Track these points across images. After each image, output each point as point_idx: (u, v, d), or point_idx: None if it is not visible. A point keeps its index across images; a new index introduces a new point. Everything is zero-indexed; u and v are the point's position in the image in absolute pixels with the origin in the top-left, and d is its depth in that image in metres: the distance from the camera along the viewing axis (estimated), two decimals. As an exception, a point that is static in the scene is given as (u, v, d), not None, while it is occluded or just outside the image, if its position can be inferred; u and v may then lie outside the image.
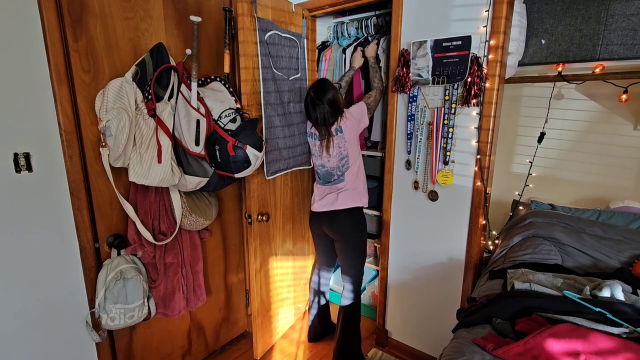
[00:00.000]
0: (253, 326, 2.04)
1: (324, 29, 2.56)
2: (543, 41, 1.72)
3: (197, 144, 1.52)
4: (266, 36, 1.75)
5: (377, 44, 2.10)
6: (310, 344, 2.25)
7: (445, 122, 1.71)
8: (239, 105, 1.71)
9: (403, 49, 1.78)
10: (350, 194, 1.92)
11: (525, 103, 2.25)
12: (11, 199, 1.26)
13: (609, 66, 1.69)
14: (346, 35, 2.40)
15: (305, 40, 2.06)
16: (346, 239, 1.92)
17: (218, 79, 1.75)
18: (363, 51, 2.14)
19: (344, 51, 2.34)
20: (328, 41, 2.55)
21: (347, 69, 2.24)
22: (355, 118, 1.87)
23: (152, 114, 1.44)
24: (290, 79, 1.93)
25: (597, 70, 1.71)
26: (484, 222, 1.74)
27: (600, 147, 2.05)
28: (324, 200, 1.95)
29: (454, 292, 1.87)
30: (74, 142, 1.39)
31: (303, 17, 2.04)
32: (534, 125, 2.15)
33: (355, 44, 2.29)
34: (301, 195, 2.28)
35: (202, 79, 1.72)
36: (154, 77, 1.44)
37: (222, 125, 1.62)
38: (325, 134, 1.87)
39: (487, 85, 1.57)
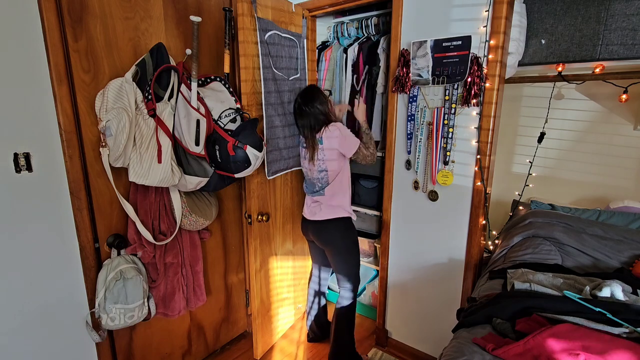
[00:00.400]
0: (253, 326, 2.04)
1: (324, 29, 2.56)
2: (543, 41, 1.72)
3: (197, 144, 1.52)
4: (266, 36, 1.75)
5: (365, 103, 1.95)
6: (310, 344, 2.25)
7: (445, 122, 1.71)
8: (239, 105, 1.71)
9: (403, 49, 1.78)
10: (332, 207, 1.87)
11: (525, 103, 2.25)
12: (11, 199, 1.26)
13: (609, 66, 1.69)
14: (346, 35, 2.40)
15: (305, 40, 2.06)
16: (333, 247, 1.90)
17: (218, 79, 1.75)
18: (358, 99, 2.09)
19: (344, 51, 2.34)
20: (328, 41, 2.56)
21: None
22: (344, 140, 1.76)
23: (152, 114, 1.44)
24: (290, 79, 1.93)
25: (597, 70, 1.71)
26: (484, 222, 1.74)
27: (600, 147, 2.05)
28: (309, 209, 1.94)
29: (454, 292, 1.87)
30: (74, 142, 1.38)
31: (303, 17, 2.04)
32: (534, 125, 2.15)
33: (356, 43, 2.28)
34: (301, 195, 2.28)
35: (202, 79, 1.72)
36: (154, 77, 1.44)
37: (222, 125, 1.62)
38: (310, 143, 1.81)
39: (487, 85, 1.57)
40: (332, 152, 1.79)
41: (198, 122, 1.50)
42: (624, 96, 1.78)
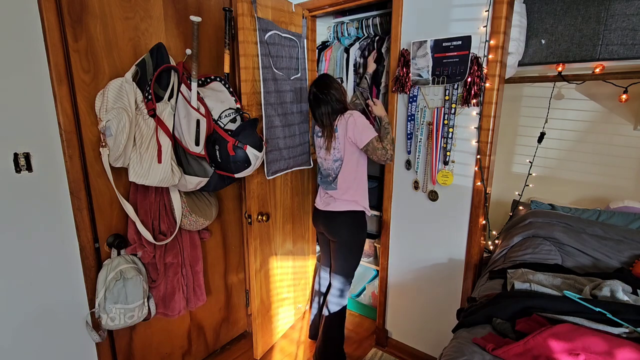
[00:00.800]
0: (253, 326, 2.04)
1: (324, 29, 2.56)
2: (543, 41, 1.72)
3: (197, 144, 1.52)
4: (266, 36, 1.75)
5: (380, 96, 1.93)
6: (311, 344, 2.25)
7: (445, 122, 1.71)
8: (239, 105, 1.71)
9: (403, 49, 1.78)
10: (345, 201, 1.85)
11: (525, 103, 2.25)
12: (11, 199, 1.26)
13: (609, 66, 1.69)
14: (346, 35, 2.40)
15: (305, 40, 2.06)
16: (338, 239, 1.90)
17: (218, 79, 1.75)
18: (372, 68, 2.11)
19: (345, 51, 2.34)
20: (328, 41, 2.56)
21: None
22: (357, 127, 1.71)
23: (152, 114, 1.44)
24: (290, 79, 1.93)
25: (597, 70, 1.71)
26: (484, 222, 1.74)
27: (600, 147, 2.05)
28: (322, 200, 1.94)
29: (454, 292, 1.87)
30: (74, 142, 1.38)
31: (303, 17, 2.04)
32: (534, 125, 2.15)
33: (358, 42, 2.27)
34: (301, 195, 2.28)
35: (202, 79, 1.72)
36: (154, 77, 1.44)
37: (222, 125, 1.62)
38: (327, 131, 1.80)
39: (487, 85, 1.57)
40: (346, 140, 1.77)
41: (198, 122, 1.50)
42: (624, 96, 1.78)
